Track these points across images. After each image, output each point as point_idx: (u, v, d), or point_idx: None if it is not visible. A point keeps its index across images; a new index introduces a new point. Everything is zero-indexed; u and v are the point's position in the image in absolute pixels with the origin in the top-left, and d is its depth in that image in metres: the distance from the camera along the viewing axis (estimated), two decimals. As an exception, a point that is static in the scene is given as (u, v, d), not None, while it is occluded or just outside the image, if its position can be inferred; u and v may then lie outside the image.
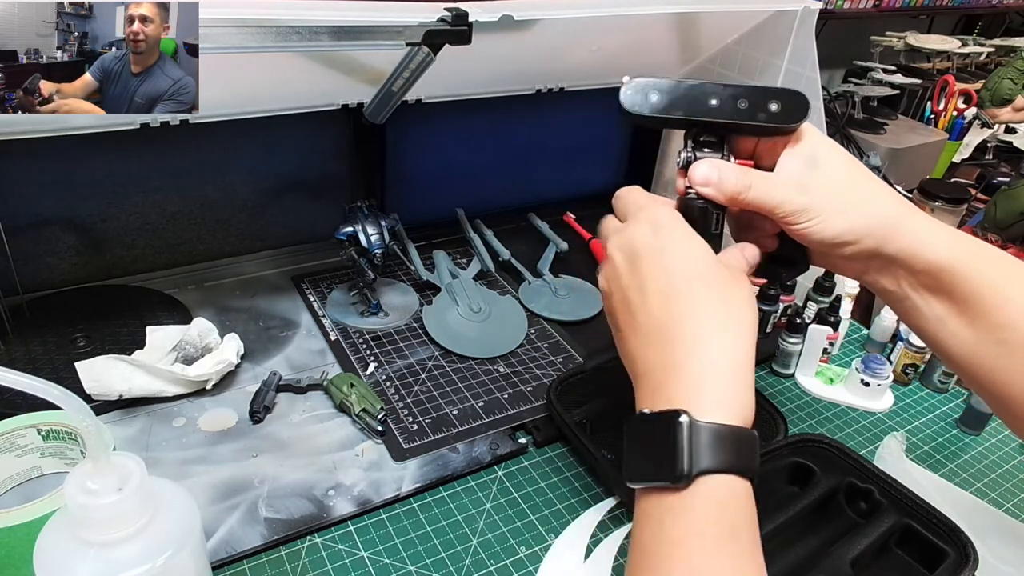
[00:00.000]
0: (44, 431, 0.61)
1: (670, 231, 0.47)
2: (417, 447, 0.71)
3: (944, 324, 0.49)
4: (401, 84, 0.72)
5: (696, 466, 0.39)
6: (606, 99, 1.19)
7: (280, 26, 0.61)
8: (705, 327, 0.43)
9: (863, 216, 0.48)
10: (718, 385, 0.42)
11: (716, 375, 0.42)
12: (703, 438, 0.40)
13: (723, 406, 0.41)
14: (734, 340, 0.43)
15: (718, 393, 0.42)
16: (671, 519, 0.40)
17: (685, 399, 0.42)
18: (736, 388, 0.42)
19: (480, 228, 1.09)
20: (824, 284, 0.92)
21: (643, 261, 0.47)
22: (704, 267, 0.45)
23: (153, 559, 0.41)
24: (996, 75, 1.32)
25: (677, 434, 0.40)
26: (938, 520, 0.62)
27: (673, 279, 0.45)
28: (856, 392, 0.85)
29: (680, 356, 0.43)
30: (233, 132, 0.86)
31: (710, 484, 0.40)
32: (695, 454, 0.39)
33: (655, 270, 0.46)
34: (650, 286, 0.46)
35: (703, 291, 0.44)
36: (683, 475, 0.39)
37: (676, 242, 0.46)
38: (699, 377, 0.42)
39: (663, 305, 0.45)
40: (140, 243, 0.93)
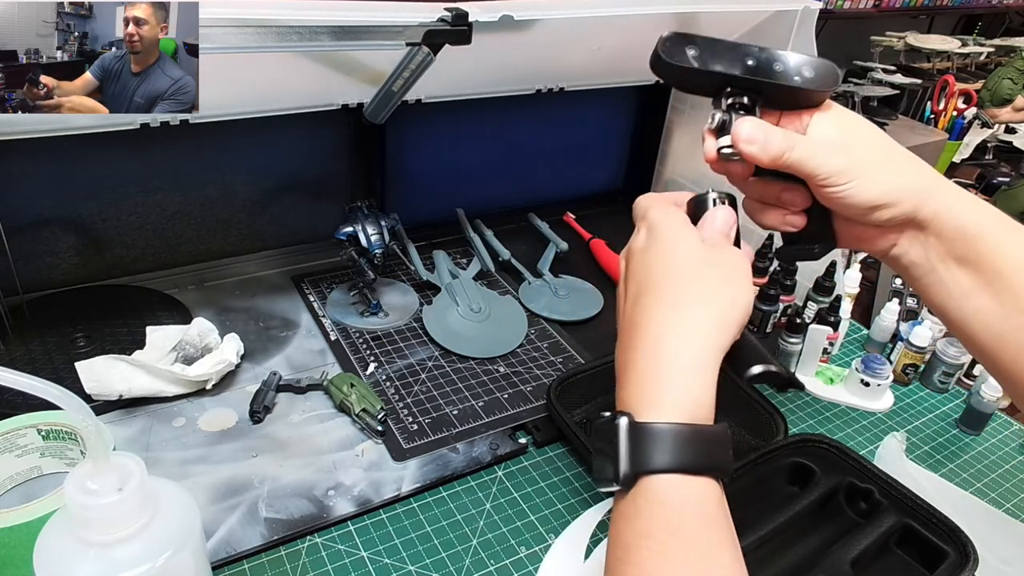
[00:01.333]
0: (44, 431, 0.61)
1: (659, 229, 0.46)
2: (417, 447, 0.71)
3: (970, 299, 0.46)
4: (401, 84, 0.72)
5: (635, 468, 0.39)
6: (606, 99, 1.20)
7: (280, 26, 0.61)
8: (669, 321, 0.42)
9: (900, 177, 0.47)
10: (666, 381, 0.40)
11: (664, 370, 0.41)
12: (643, 440, 0.39)
13: (669, 403, 0.40)
14: (702, 331, 0.42)
15: (665, 389, 0.40)
16: (623, 523, 0.39)
17: (631, 399, 0.41)
18: (686, 383, 0.40)
19: (480, 228, 1.09)
20: (824, 284, 0.92)
21: (632, 264, 0.47)
22: (684, 256, 0.44)
23: (153, 559, 0.41)
24: (996, 75, 1.32)
25: (615, 437, 0.39)
26: (938, 520, 0.62)
27: (649, 275, 0.44)
28: (856, 392, 0.85)
29: (636, 355, 0.42)
30: (233, 132, 0.86)
31: (653, 484, 0.38)
32: (633, 456, 0.39)
33: (638, 270, 0.46)
34: (632, 288, 0.45)
35: (676, 282, 0.43)
36: (623, 478, 0.39)
37: (661, 238, 0.46)
38: (644, 373, 0.41)
39: (635, 303, 0.44)
40: (140, 243, 0.93)
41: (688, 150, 1.14)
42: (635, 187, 1.26)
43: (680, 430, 0.39)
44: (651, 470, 0.38)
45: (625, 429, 0.39)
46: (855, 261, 1.09)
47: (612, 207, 1.25)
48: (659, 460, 0.38)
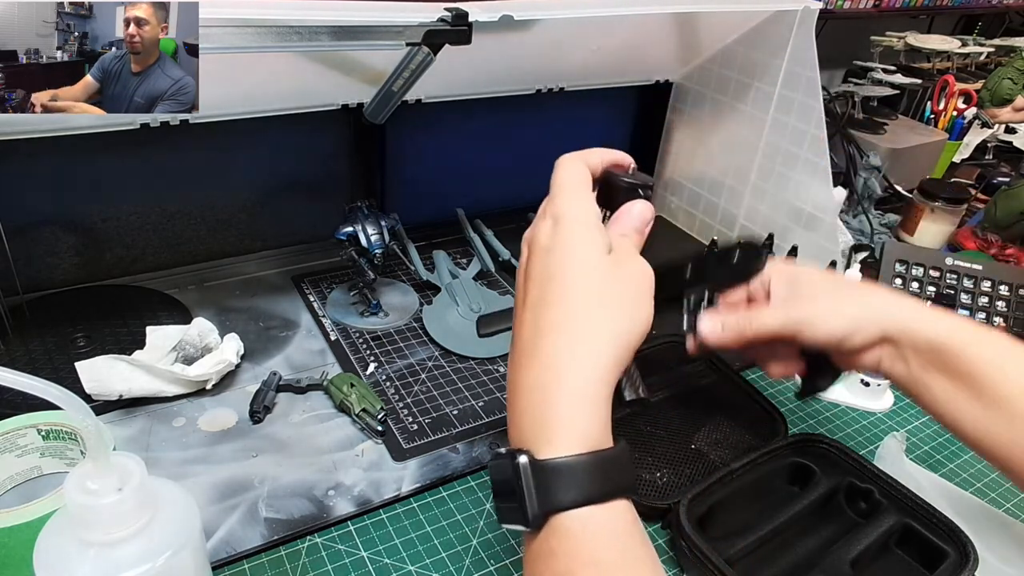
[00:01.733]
0: (44, 431, 0.61)
1: (566, 225, 0.43)
2: (417, 447, 0.71)
3: (955, 403, 0.50)
4: (401, 84, 0.72)
5: (543, 508, 0.37)
6: (606, 99, 1.20)
7: (280, 26, 0.61)
8: (565, 347, 0.40)
9: (854, 307, 0.53)
10: (561, 413, 0.38)
11: (558, 401, 0.39)
12: (546, 478, 0.37)
13: (565, 436, 0.38)
14: (593, 354, 0.40)
15: (560, 423, 0.38)
16: (540, 565, 0.38)
17: (527, 433, 0.39)
18: (580, 413, 0.38)
19: (480, 228, 1.09)
20: (824, 284, 0.92)
21: (532, 261, 0.44)
22: (586, 271, 0.41)
23: (153, 559, 0.41)
24: (996, 75, 1.32)
25: (517, 478, 0.37)
26: (938, 520, 0.62)
27: (549, 285, 0.42)
28: (856, 392, 0.85)
29: (529, 379, 0.40)
30: (233, 132, 0.86)
31: (564, 522, 0.37)
32: (539, 496, 0.37)
33: (538, 274, 0.43)
34: (531, 292, 0.43)
35: (576, 299, 0.41)
36: (531, 520, 0.37)
37: (567, 240, 0.42)
38: (544, 405, 0.39)
39: (532, 318, 0.42)
40: (140, 243, 0.93)
41: (688, 150, 1.14)
42: (635, 187, 1.25)
43: (582, 461, 0.37)
44: (560, 508, 0.37)
45: (527, 468, 0.37)
46: (855, 261, 1.09)
47: (612, 207, 1.25)
48: (566, 497, 0.37)
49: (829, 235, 0.93)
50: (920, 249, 1.08)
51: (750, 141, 1.01)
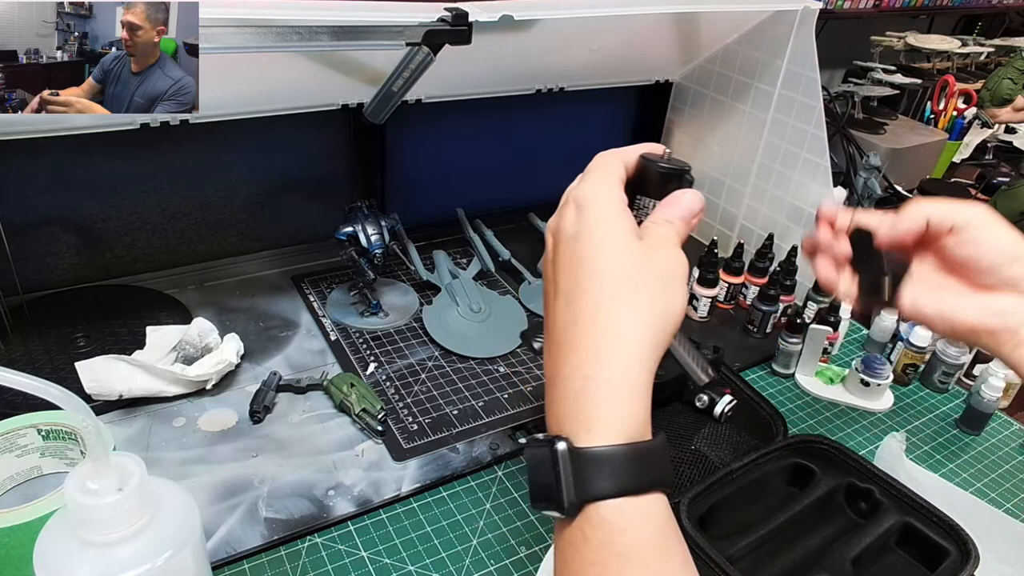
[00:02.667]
0: (44, 431, 0.61)
1: (591, 211, 0.42)
2: (417, 447, 0.71)
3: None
4: (401, 84, 0.72)
5: (580, 496, 0.37)
6: (606, 99, 1.20)
7: (280, 26, 0.61)
8: (601, 335, 0.39)
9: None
10: (601, 402, 0.38)
11: (599, 390, 0.38)
12: (584, 466, 0.37)
13: (606, 425, 0.38)
14: (631, 343, 0.39)
15: (601, 411, 0.38)
16: (571, 552, 0.38)
17: (567, 420, 0.39)
18: (621, 402, 0.38)
19: (480, 228, 1.09)
20: (824, 284, 0.92)
21: (559, 249, 0.43)
22: (616, 255, 0.40)
23: (153, 559, 0.41)
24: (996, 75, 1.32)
25: (555, 464, 0.37)
26: (938, 519, 0.62)
27: (579, 274, 0.41)
28: (856, 392, 0.85)
29: (568, 368, 0.40)
30: (233, 132, 0.86)
31: (600, 512, 0.37)
32: (576, 484, 0.37)
33: (566, 263, 0.42)
34: (561, 282, 0.42)
35: (606, 287, 0.40)
36: (567, 507, 0.37)
37: (592, 226, 0.41)
38: (579, 393, 0.39)
39: (566, 306, 0.41)
40: (140, 243, 0.93)
41: (688, 150, 1.14)
42: (635, 187, 1.25)
43: (621, 452, 0.37)
44: (596, 497, 0.37)
45: (565, 456, 0.37)
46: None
47: (612, 207, 1.25)
48: (603, 486, 0.37)
49: (829, 235, 0.93)
50: (920, 249, 1.08)
51: (750, 141, 1.01)
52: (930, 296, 0.51)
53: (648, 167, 0.45)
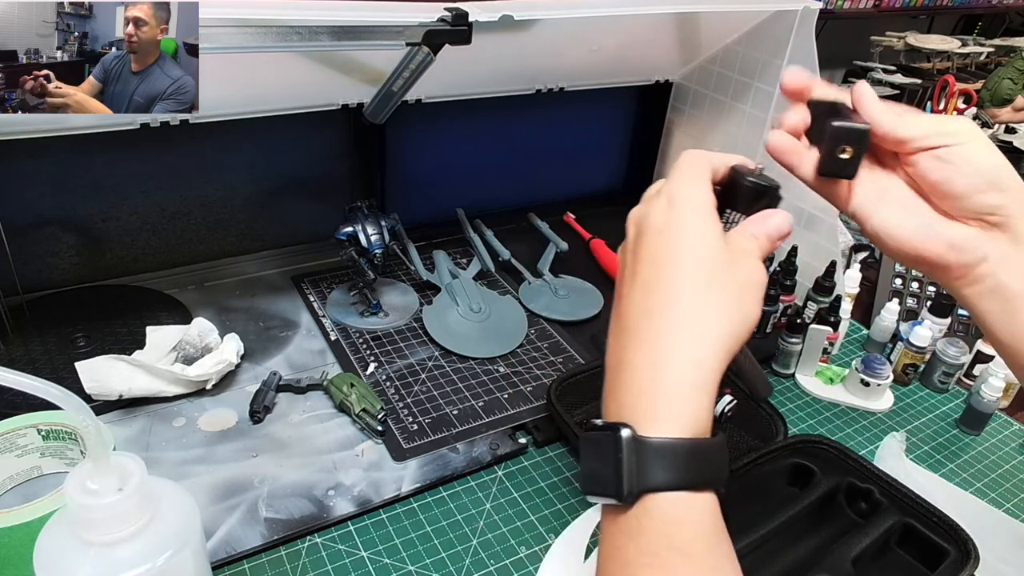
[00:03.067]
0: (44, 431, 0.61)
1: (681, 208, 0.42)
2: (417, 447, 0.71)
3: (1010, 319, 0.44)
4: (401, 84, 0.72)
5: (640, 485, 0.37)
6: (606, 99, 1.20)
7: (280, 26, 0.61)
8: (680, 330, 0.39)
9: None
10: (670, 394, 0.38)
11: (668, 382, 0.38)
12: (647, 455, 0.37)
13: (673, 417, 0.38)
14: (704, 341, 0.39)
15: (669, 403, 0.38)
16: (623, 540, 0.38)
17: (632, 408, 0.39)
18: (690, 397, 0.38)
19: (480, 228, 1.09)
20: (824, 284, 0.92)
21: (644, 240, 0.43)
22: (705, 255, 0.41)
23: (153, 559, 0.41)
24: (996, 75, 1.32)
25: (618, 451, 0.37)
26: (939, 519, 0.62)
27: (660, 266, 0.41)
28: (856, 392, 0.85)
29: (638, 357, 0.40)
30: (233, 132, 0.86)
31: (658, 503, 0.37)
32: (638, 472, 0.37)
33: (650, 253, 0.42)
34: (640, 272, 0.42)
35: (688, 283, 0.40)
36: (626, 494, 0.37)
37: (682, 223, 0.42)
38: (649, 383, 0.39)
39: (643, 296, 0.41)
40: (140, 243, 0.93)
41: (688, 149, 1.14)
42: (635, 187, 1.25)
43: (684, 445, 0.37)
44: (656, 488, 0.37)
45: (629, 443, 0.37)
46: (855, 261, 1.09)
47: (612, 207, 1.25)
48: (664, 478, 0.37)
49: (829, 235, 0.93)
50: (920, 249, 1.08)
51: (750, 141, 1.01)
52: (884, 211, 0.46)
53: (739, 180, 0.45)
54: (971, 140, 0.43)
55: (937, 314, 0.92)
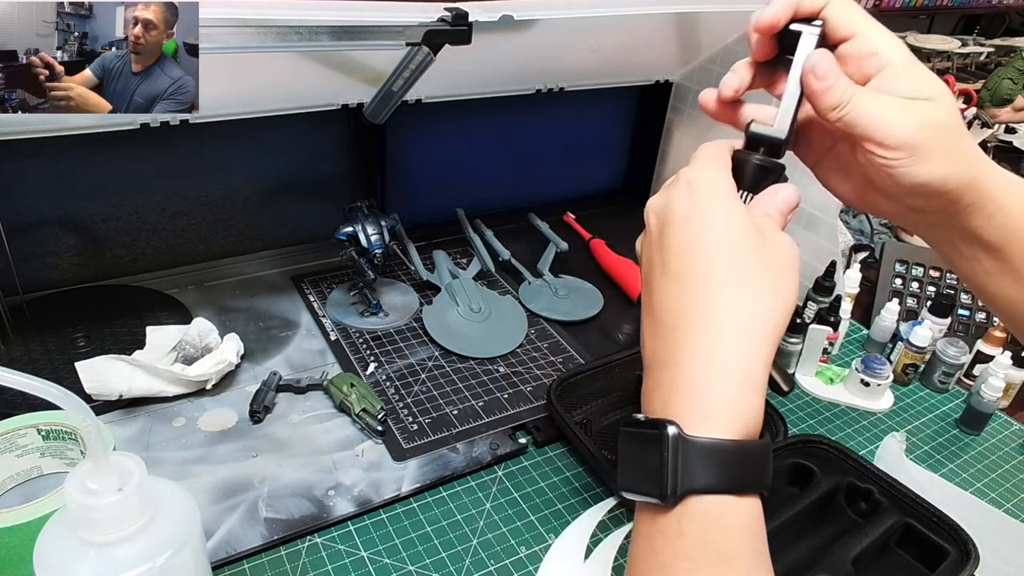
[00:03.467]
0: (44, 431, 0.61)
1: (705, 194, 0.40)
2: (417, 447, 0.71)
3: (993, 278, 0.45)
4: (401, 84, 0.72)
5: (683, 486, 0.35)
6: (606, 99, 1.20)
7: (280, 26, 0.61)
8: (719, 320, 0.38)
9: (955, 162, 0.41)
10: (721, 392, 0.37)
11: (720, 380, 0.37)
12: (693, 455, 0.35)
13: (723, 417, 0.36)
14: (752, 335, 0.37)
15: (719, 402, 0.36)
16: (661, 541, 0.36)
17: (679, 406, 0.37)
18: (742, 395, 0.37)
19: (480, 228, 1.09)
20: (824, 284, 0.92)
21: (669, 230, 0.41)
22: (736, 240, 0.39)
23: (153, 559, 0.41)
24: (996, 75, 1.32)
25: (663, 449, 0.36)
26: (939, 519, 0.62)
27: (694, 258, 0.39)
28: (856, 392, 0.85)
29: (683, 354, 0.38)
30: (233, 132, 0.86)
31: (702, 505, 0.35)
32: (683, 473, 0.35)
33: (678, 244, 0.40)
34: (671, 264, 0.40)
35: (726, 274, 0.38)
36: (669, 494, 0.36)
37: (707, 210, 0.40)
38: (699, 381, 0.37)
39: (679, 289, 0.39)
40: (140, 243, 0.93)
41: (688, 150, 1.14)
42: (635, 187, 1.26)
43: (732, 447, 0.36)
44: (700, 489, 0.35)
45: (676, 441, 0.36)
46: (855, 261, 1.09)
47: (612, 207, 1.25)
48: (709, 479, 0.35)
49: (829, 235, 0.93)
50: (920, 249, 1.08)
51: (750, 141, 1.01)
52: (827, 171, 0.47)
53: (744, 159, 0.44)
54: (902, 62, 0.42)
55: (937, 314, 0.92)
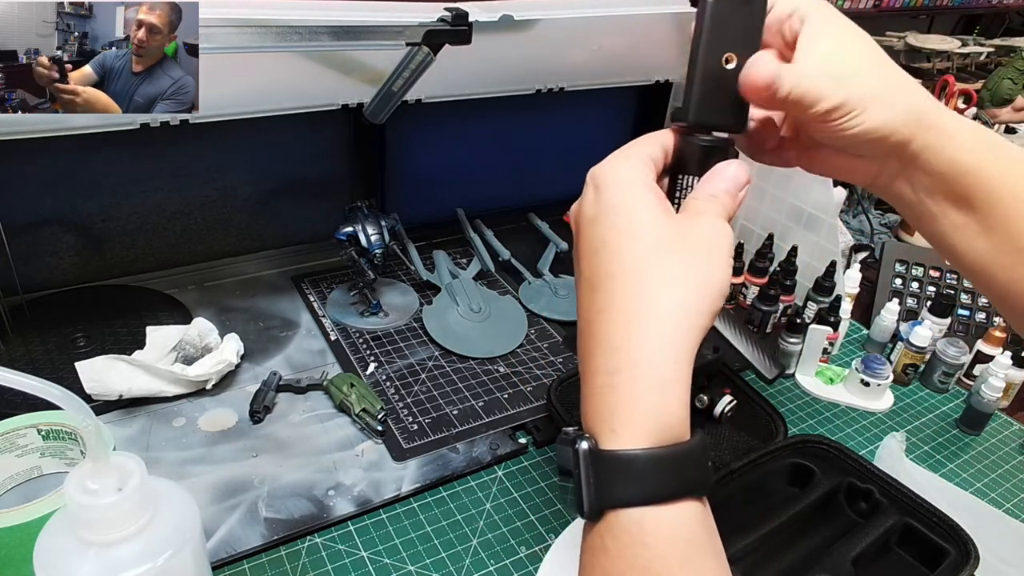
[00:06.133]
0: (44, 431, 0.61)
1: (608, 190, 0.38)
2: (417, 447, 0.71)
3: (960, 232, 0.43)
4: (401, 84, 0.72)
5: (599, 502, 0.34)
6: (606, 99, 1.20)
7: (280, 26, 0.61)
8: (625, 321, 0.35)
9: (896, 106, 0.41)
10: (628, 399, 0.34)
11: (626, 387, 0.34)
12: (605, 470, 0.34)
13: (633, 426, 0.34)
14: (662, 331, 0.35)
15: (626, 411, 0.34)
16: (589, 558, 0.35)
17: (592, 419, 0.36)
18: (656, 394, 0.34)
19: (480, 228, 1.09)
20: (824, 284, 0.92)
21: (581, 234, 0.39)
22: (642, 232, 0.36)
23: (153, 559, 0.41)
24: (996, 75, 1.32)
25: (577, 465, 0.34)
26: (938, 519, 0.62)
27: (599, 259, 0.37)
28: (856, 392, 0.85)
29: (593, 362, 0.36)
30: (233, 132, 0.86)
31: (620, 520, 0.34)
32: (596, 488, 0.34)
33: (587, 246, 0.38)
34: (584, 269, 0.38)
35: (632, 270, 0.36)
36: (587, 512, 0.34)
37: (612, 205, 0.37)
38: (605, 391, 0.35)
39: (591, 293, 0.37)
40: (140, 243, 0.93)
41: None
42: (635, 187, 1.26)
43: (648, 455, 0.34)
44: (617, 504, 0.34)
45: (587, 457, 0.34)
46: (855, 261, 1.09)
47: (612, 207, 1.25)
48: (627, 493, 0.33)
49: (829, 235, 0.93)
50: (920, 249, 1.08)
51: (750, 141, 1.01)
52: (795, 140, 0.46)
53: (687, 142, 0.41)
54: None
55: (937, 314, 0.92)
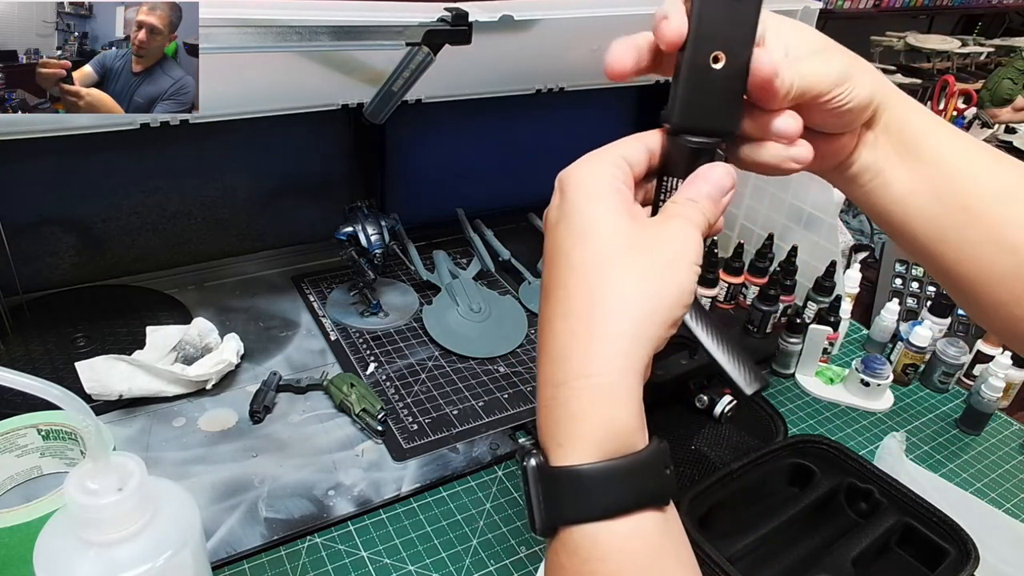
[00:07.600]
0: (44, 431, 0.61)
1: (571, 194, 0.37)
2: (417, 447, 0.71)
3: (911, 198, 0.43)
4: (401, 84, 0.72)
5: (551, 520, 0.33)
6: (606, 99, 1.20)
7: (280, 26, 0.61)
8: (570, 330, 0.34)
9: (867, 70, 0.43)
10: (575, 412, 0.33)
11: (577, 399, 0.33)
12: (555, 487, 0.33)
13: (580, 440, 0.33)
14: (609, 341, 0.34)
15: (578, 424, 0.33)
16: (549, 573, 0.34)
17: (542, 434, 0.35)
18: (607, 407, 0.33)
19: (480, 228, 1.09)
20: (824, 284, 0.92)
21: (547, 239, 0.38)
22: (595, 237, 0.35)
23: (153, 559, 0.41)
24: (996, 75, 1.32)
25: (527, 481, 0.34)
26: (938, 519, 0.62)
27: (557, 265, 0.36)
28: (856, 392, 0.85)
29: (544, 375, 0.35)
30: (233, 132, 0.86)
31: (576, 538, 0.33)
32: (547, 505, 0.33)
33: (548, 252, 0.37)
34: (544, 275, 0.37)
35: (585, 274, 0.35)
36: (540, 529, 0.34)
37: (573, 210, 0.36)
38: (555, 405, 0.34)
39: (545, 302, 0.36)
40: (140, 243, 0.93)
41: (688, 150, 1.14)
42: (635, 187, 1.26)
43: (598, 469, 0.32)
44: (569, 521, 0.33)
45: (535, 474, 0.33)
46: (855, 261, 1.09)
47: (612, 207, 1.25)
48: (577, 509, 0.32)
49: (829, 235, 0.93)
50: (920, 249, 1.08)
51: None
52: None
53: (674, 142, 0.40)
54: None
55: (937, 314, 0.92)
